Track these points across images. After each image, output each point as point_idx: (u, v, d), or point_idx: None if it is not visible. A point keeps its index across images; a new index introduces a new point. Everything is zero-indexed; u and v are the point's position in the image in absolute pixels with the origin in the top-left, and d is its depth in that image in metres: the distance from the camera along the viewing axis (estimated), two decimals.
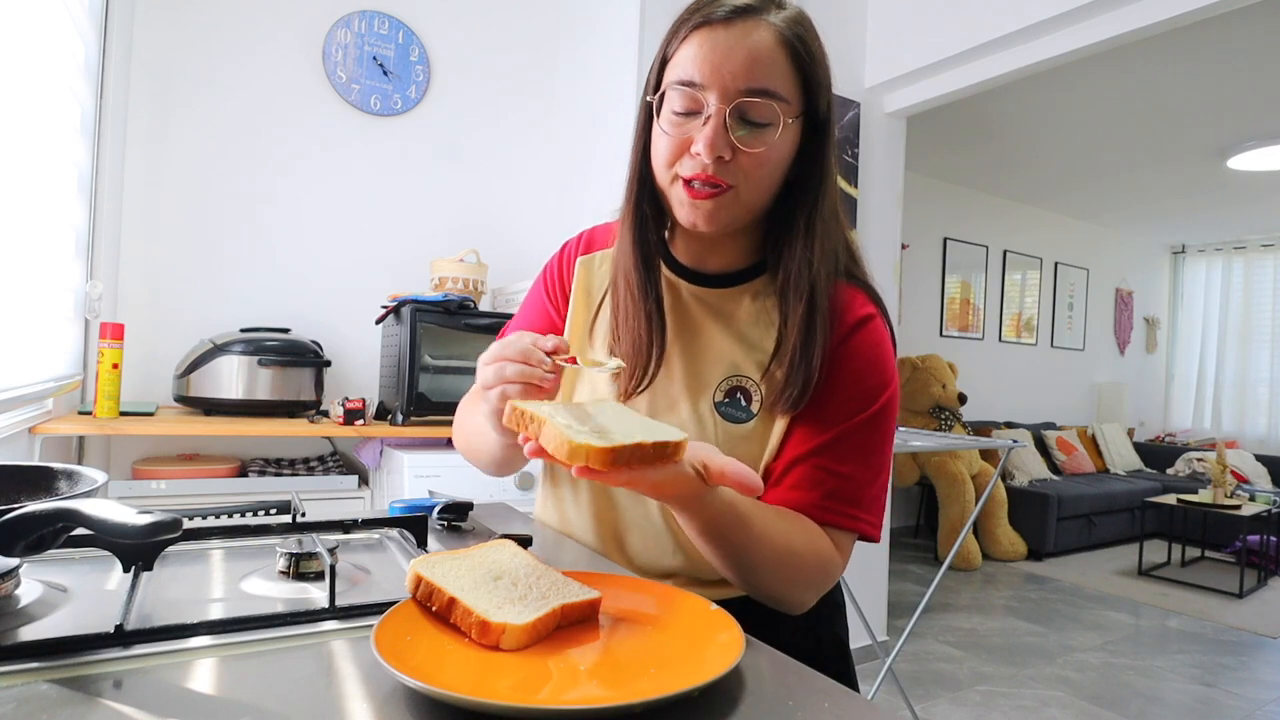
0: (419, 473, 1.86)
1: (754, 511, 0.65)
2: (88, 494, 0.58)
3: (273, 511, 0.81)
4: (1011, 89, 3.33)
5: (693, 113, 0.69)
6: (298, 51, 2.31)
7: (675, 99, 0.69)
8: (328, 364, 2.07)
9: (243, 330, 2.01)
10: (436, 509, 0.83)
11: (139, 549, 0.54)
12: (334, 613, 0.54)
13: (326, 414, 2.03)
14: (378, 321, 2.13)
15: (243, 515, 0.79)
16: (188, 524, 0.68)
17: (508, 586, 0.55)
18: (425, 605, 0.52)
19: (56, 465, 0.63)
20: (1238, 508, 4.03)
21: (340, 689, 0.45)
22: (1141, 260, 6.76)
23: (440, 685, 0.40)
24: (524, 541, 0.72)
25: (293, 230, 2.31)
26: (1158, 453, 5.97)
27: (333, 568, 0.55)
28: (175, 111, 2.14)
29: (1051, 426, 5.53)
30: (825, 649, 0.82)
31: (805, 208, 0.74)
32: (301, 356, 2.00)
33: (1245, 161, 4.35)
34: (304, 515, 0.76)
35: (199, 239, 2.18)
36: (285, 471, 2.04)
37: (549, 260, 0.92)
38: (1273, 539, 4.26)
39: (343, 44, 2.35)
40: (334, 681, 0.46)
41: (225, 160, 2.21)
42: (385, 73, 2.41)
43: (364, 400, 1.97)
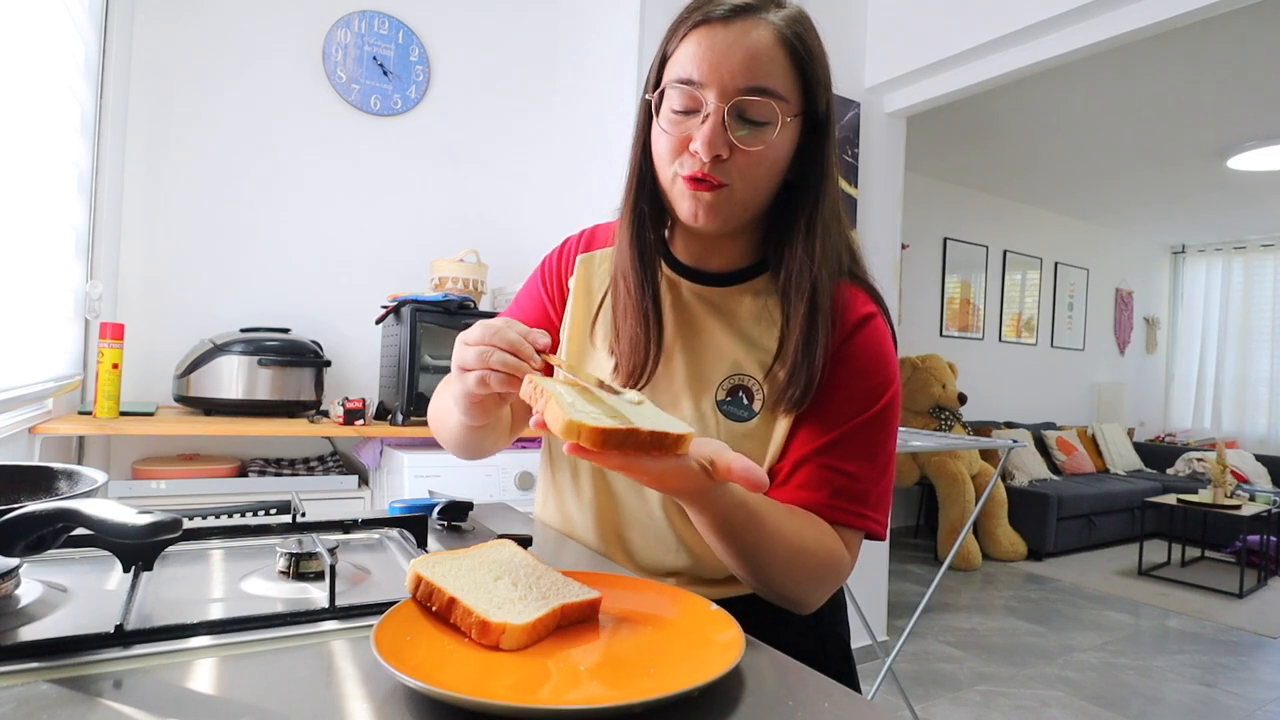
0: (419, 473, 1.86)
1: (766, 509, 0.65)
2: (88, 494, 0.58)
3: (273, 511, 0.81)
4: (1012, 89, 3.34)
5: (692, 111, 0.69)
6: (298, 51, 2.31)
7: (674, 97, 0.69)
8: (328, 364, 2.07)
9: (243, 330, 2.01)
10: (436, 509, 0.83)
11: (139, 549, 0.54)
12: (334, 613, 0.54)
13: (326, 414, 2.03)
14: (378, 321, 2.13)
15: (243, 515, 0.79)
16: (188, 524, 0.68)
17: (508, 586, 0.55)
18: (425, 605, 0.52)
19: (56, 465, 0.63)
20: (1238, 508, 4.03)
21: (340, 689, 0.45)
22: (1141, 260, 6.76)
23: (440, 685, 0.40)
24: (524, 541, 0.72)
25: (293, 230, 2.31)
26: (1158, 453, 5.97)
27: (333, 568, 0.55)
28: (175, 111, 2.15)
29: (1051, 426, 5.53)
30: (829, 648, 0.82)
31: (806, 207, 0.73)
32: (301, 356, 2.00)
33: (1245, 161, 4.35)
34: (304, 515, 0.76)
35: (199, 239, 2.18)
36: (285, 471, 2.04)
37: (549, 254, 0.91)
38: (1273, 539, 4.26)
39: (343, 44, 2.35)
40: (334, 681, 0.46)
41: (225, 160, 2.21)
42: (385, 73, 2.41)
43: (364, 400, 1.97)
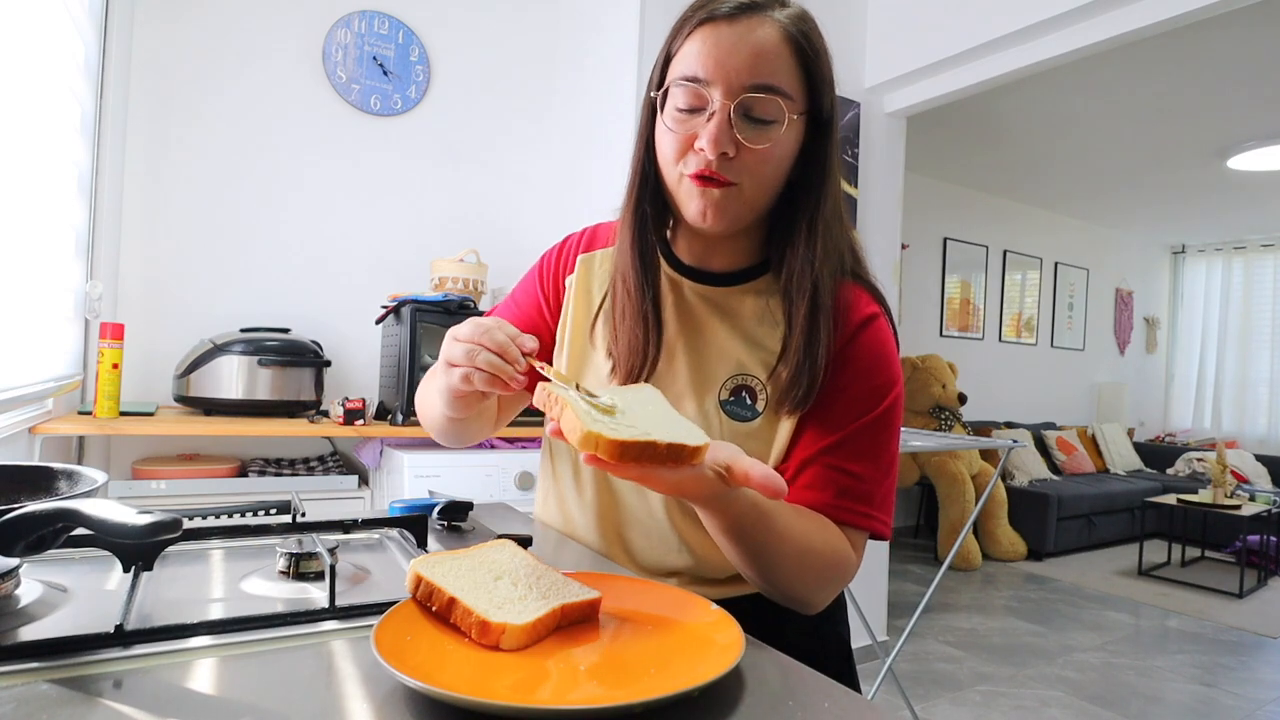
0: (419, 473, 1.86)
1: (776, 511, 0.64)
2: (88, 494, 0.58)
3: (273, 511, 0.80)
4: (1012, 89, 3.34)
5: (697, 109, 0.68)
6: (298, 51, 2.31)
7: (679, 95, 0.69)
8: (328, 364, 2.07)
9: (243, 330, 2.01)
10: (436, 509, 0.83)
11: (139, 549, 0.54)
12: (334, 613, 0.54)
13: (326, 414, 2.03)
14: (378, 321, 2.13)
15: (243, 515, 0.79)
16: (188, 524, 0.68)
17: (508, 586, 0.55)
18: (425, 605, 0.52)
19: (56, 465, 0.63)
20: (1238, 508, 4.03)
21: (340, 689, 0.45)
22: (1141, 260, 6.76)
23: (440, 685, 0.40)
24: (524, 541, 0.72)
25: (293, 230, 2.31)
26: (1158, 453, 5.97)
27: (333, 568, 0.55)
28: (175, 111, 2.15)
29: (1051, 426, 5.53)
30: (829, 648, 0.82)
31: (808, 207, 0.73)
32: (301, 356, 2.00)
33: (1245, 161, 4.35)
34: (304, 515, 0.76)
35: (199, 239, 2.18)
36: (285, 471, 2.04)
37: (549, 249, 0.91)
38: (1273, 539, 4.26)
39: (343, 44, 2.35)
40: (334, 681, 0.46)
41: (225, 160, 2.21)
42: (385, 73, 2.41)
43: (364, 400, 1.97)
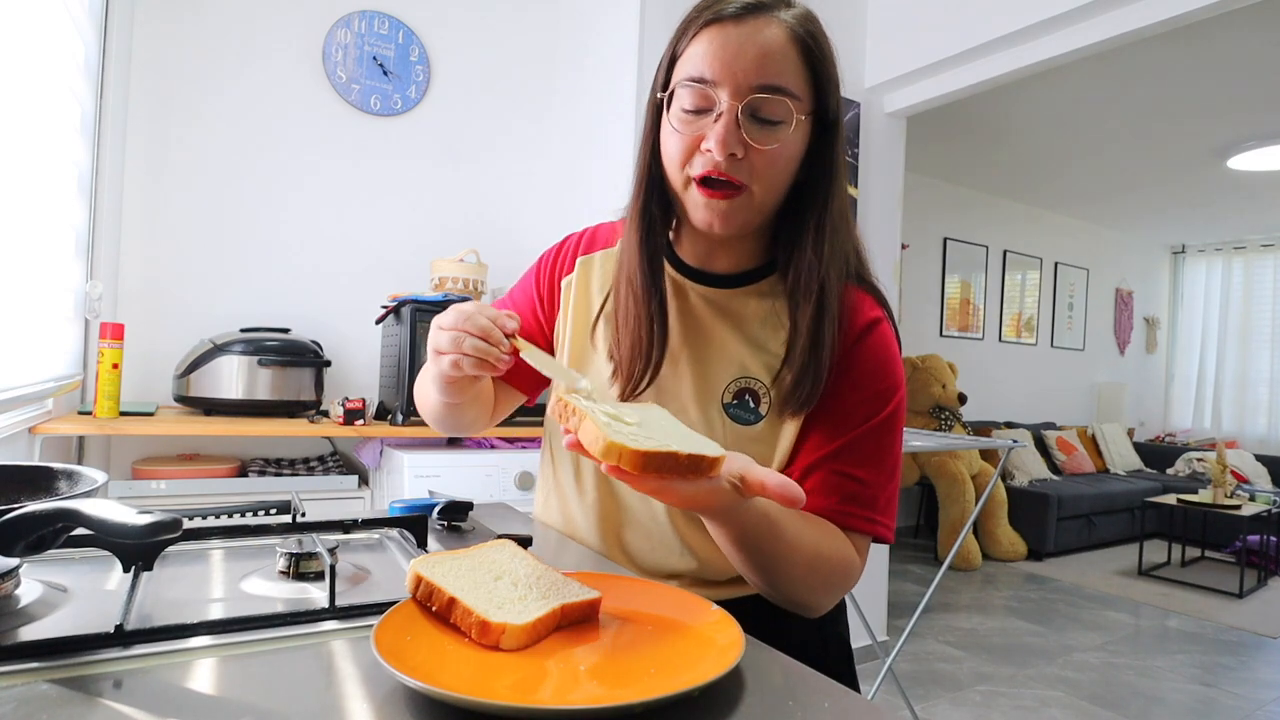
0: (419, 473, 1.86)
1: (785, 520, 0.64)
2: (88, 494, 0.58)
3: (273, 511, 0.80)
4: (1011, 89, 3.33)
5: (703, 110, 0.68)
6: (298, 51, 2.31)
7: (685, 96, 0.68)
8: (328, 364, 2.07)
9: (243, 330, 2.01)
10: (436, 509, 0.83)
11: (139, 549, 0.54)
12: (334, 613, 0.54)
13: (326, 414, 2.03)
14: (378, 321, 2.13)
15: (243, 515, 0.79)
16: (188, 524, 0.68)
17: (508, 586, 0.55)
18: (425, 605, 0.52)
19: (56, 465, 0.63)
20: (1238, 508, 4.03)
21: (340, 689, 0.45)
22: (1141, 260, 6.76)
23: (440, 685, 0.40)
24: (524, 541, 0.72)
25: (293, 230, 2.31)
26: (1158, 453, 5.97)
27: (333, 568, 0.55)
28: (175, 111, 2.14)
29: (1051, 426, 5.52)
30: (829, 649, 0.82)
31: (815, 209, 0.73)
32: (301, 356, 2.00)
33: (1245, 161, 4.35)
34: (304, 515, 0.76)
35: (199, 239, 2.18)
36: (285, 471, 2.04)
37: (548, 249, 0.91)
38: (1273, 539, 4.26)
39: (343, 44, 2.35)
40: (334, 681, 0.46)
41: (225, 160, 2.21)
42: (385, 73, 2.41)
43: (364, 400, 1.97)
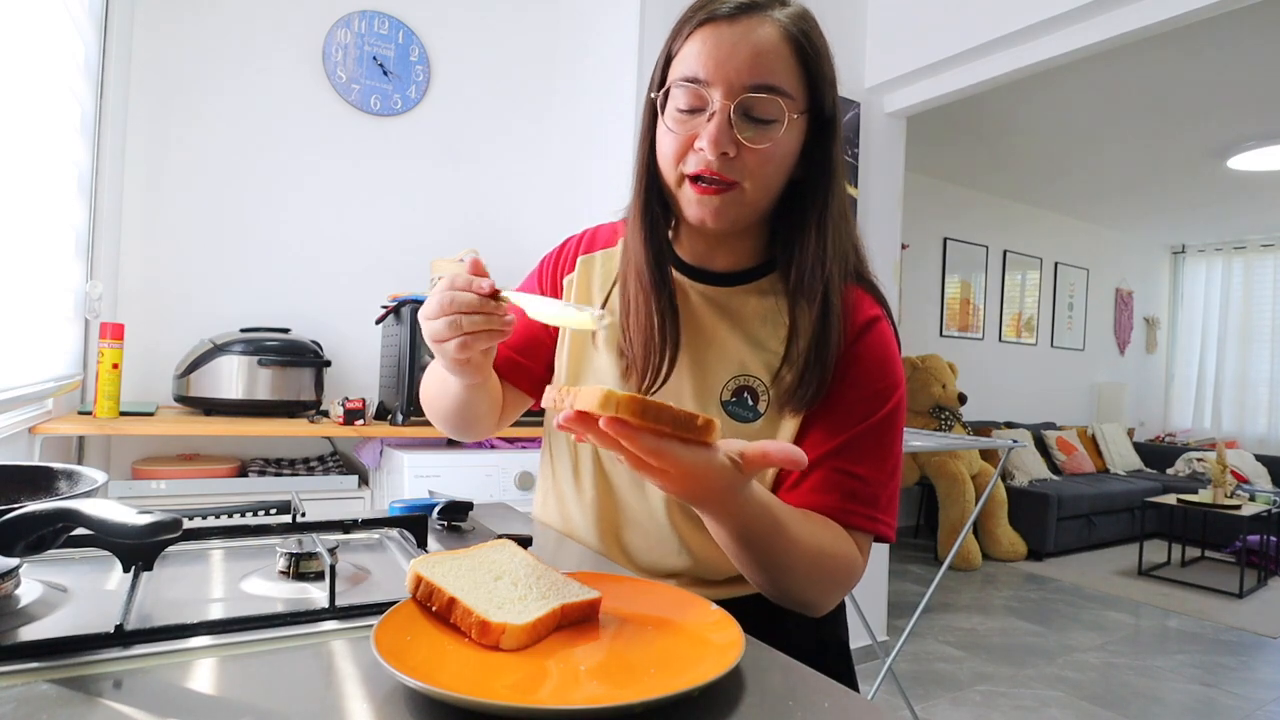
0: (419, 473, 1.86)
1: (786, 516, 0.64)
2: (88, 494, 0.58)
3: (273, 511, 0.80)
4: (1012, 89, 3.33)
5: (697, 109, 0.69)
6: (297, 51, 2.31)
7: (680, 96, 0.69)
8: (328, 364, 2.07)
9: (243, 330, 2.01)
10: (436, 509, 0.83)
11: (139, 549, 0.54)
12: (334, 613, 0.54)
13: (326, 414, 2.03)
14: (378, 321, 2.13)
15: (243, 515, 0.79)
16: (188, 524, 0.68)
17: (508, 586, 0.55)
18: (425, 605, 0.52)
19: (56, 465, 0.63)
20: (1238, 508, 4.03)
21: (340, 689, 0.45)
22: (1141, 260, 6.76)
23: (440, 685, 0.40)
24: (524, 541, 0.72)
25: (293, 230, 2.31)
26: (1158, 453, 5.97)
27: (333, 568, 0.55)
28: (175, 111, 2.14)
29: (1051, 426, 5.52)
30: (827, 649, 0.82)
31: (816, 207, 0.73)
32: (301, 356, 2.00)
33: (1245, 161, 4.35)
34: (304, 515, 0.76)
35: (199, 239, 2.18)
36: (285, 471, 2.03)
37: (548, 253, 0.91)
38: (1273, 539, 4.26)
39: (343, 44, 2.35)
40: (334, 681, 0.46)
41: (225, 160, 2.21)
42: (385, 73, 2.41)
43: (364, 400, 1.97)
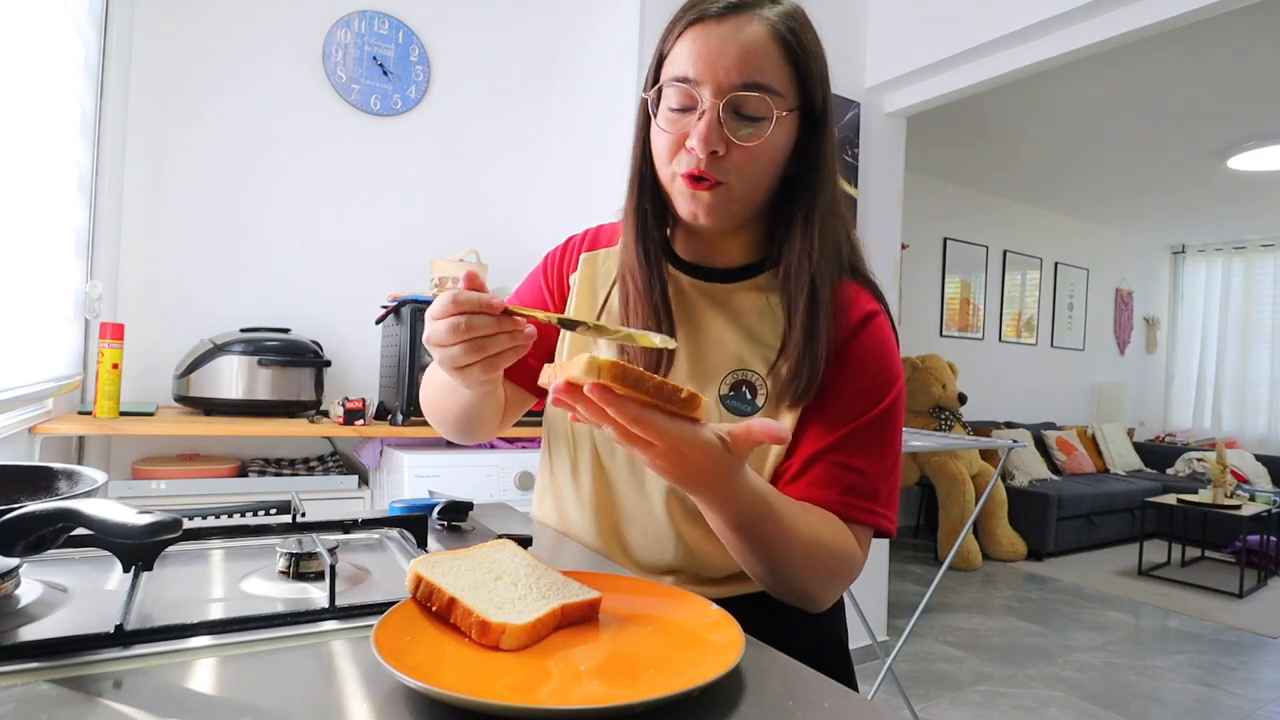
0: (419, 473, 1.86)
1: (783, 505, 0.64)
2: (88, 494, 0.57)
3: (273, 511, 0.80)
4: (1012, 89, 3.34)
5: (688, 109, 0.70)
6: (297, 51, 2.31)
7: (671, 95, 0.70)
8: (328, 364, 2.07)
9: (243, 330, 2.01)
10: (436, 509, 0.83)
11: (139, 549, 0.54)
12: (334, 613, 0.54)
13: (326, 414, 2.03)
14: (378, 321, 2.13)
15: (243, 515, 0.79)
16: (188, 524, 0.68)
17: (508, 586, 0.55)
18: (425, 605, 0.52)
19: (56, 465, 0.63)
20: (1238, 508, 4.03)
21: (340, 689, 0.45)
22: (1141, 260, 6.76)
23: (440, 685, 0.40)
24: (524, 541, 0.72)
25: (293, 230, 2.31)
26: (1158, 453, 5.97)
27: (333, 568, 0.55)
28: (175, 111, 2.15)
29: (1051, 426, 5.52)
30: (825, 649, 0.82)
31: (804, 202, 0.74)
32: (301, 356, 2.00)
33: (1245, 161, 4.35)
34: (304, 515, 0.76)
35: (199, 239, 2.18)
36: (285, 471, 2.04)
37: (552, 250, 0.92)
38: (1273, 539, 4.26)
39: (343, 44, 2.35)
40: (334, 681, 0.46)
41: (225, 160, 2.21)
42: (385, 73, 2.41)
43: (364, 400, 1.97)
